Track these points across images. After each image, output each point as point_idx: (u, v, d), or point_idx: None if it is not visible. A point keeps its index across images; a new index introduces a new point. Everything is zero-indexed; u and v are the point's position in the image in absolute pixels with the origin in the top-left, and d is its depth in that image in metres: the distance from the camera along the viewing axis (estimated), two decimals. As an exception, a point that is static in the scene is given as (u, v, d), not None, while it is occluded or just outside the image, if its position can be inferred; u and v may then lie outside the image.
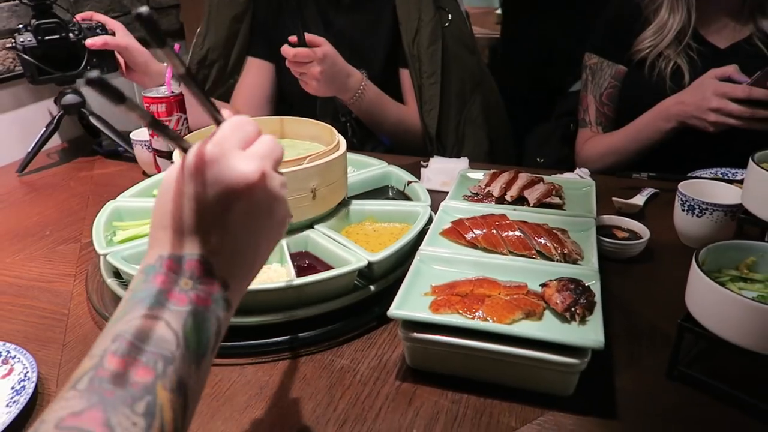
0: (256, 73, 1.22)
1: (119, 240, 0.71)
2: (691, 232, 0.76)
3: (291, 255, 0.66)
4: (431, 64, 1.11)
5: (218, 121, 0.39)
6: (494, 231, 0.65)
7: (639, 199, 0.88)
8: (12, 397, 0.54)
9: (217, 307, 0.36)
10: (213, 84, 1.24)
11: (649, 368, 0.57)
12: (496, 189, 0.76)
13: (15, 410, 0.51)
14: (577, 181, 0.82)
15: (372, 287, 0.63)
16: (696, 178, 0.83)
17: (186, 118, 1.00)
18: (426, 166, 0.99)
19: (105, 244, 0.68)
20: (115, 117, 1.19)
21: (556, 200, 0.75)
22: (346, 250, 0.64)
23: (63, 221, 0.91)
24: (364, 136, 1.18)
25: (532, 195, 0.74)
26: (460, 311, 0.53)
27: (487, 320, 0.52)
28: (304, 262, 0.67)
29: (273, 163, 0.39)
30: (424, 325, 0.53)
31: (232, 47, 1.23)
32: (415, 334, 0.53)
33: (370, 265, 0.62)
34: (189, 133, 0.83)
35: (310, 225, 0.70)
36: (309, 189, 0.67)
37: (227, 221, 0.36)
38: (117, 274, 0.67)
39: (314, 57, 0.94)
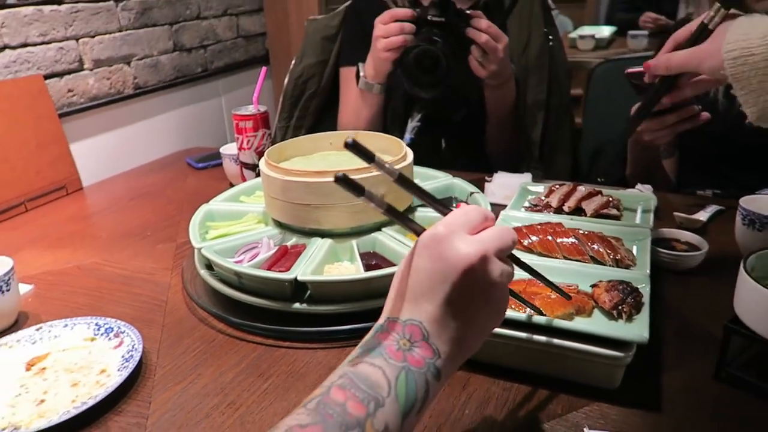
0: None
1: (211, 237, 0.81)
2: (753, 246, 0.76)
3: (360, 254, 0.73)
4: (539, 75, 1.16)
5: (446, 212, 0.45)
6: (549, 237, 0.69)
7: (702, 215, 0.89)
8: (122, 364, 0.63)
9: (427, 371, 0.40)
10: (309, 97, 1.34)
11: (697, 369, 0.59)
12: (554, 200, 0.80)
13: (125, 374, 0.60)
14: (636, 195, 0.84)
15: (433, 285, 0.69)
16: (760, 194, 0.83)
17: (270, 134, 1.10)
18: (490, 181, 1.04)
19: (200, 239, 0.77)
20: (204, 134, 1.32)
21: (614, 212, 0.78)
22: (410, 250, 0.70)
23: (161, 224, 1.03)
24: (456, 151, 1.24)
25: (589, 206, 0.78)
26: (513, 306, 0.58)
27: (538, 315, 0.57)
28: (372, 261, 0.74)
29: (496, 251, 0.42)
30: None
31: (325, 64, 1.32)
32: (470, 326, 0.58)
33: (431, 263, 0.67)
34: (272, 145, 0.92)
35: (378, 228, 0.77)
36: (379, 195, 0.74)
37: (445, 296, 0.40)
38: (209, 266, 0.77)
39: (499, 33, 0.99)
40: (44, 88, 1.21)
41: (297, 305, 0.67)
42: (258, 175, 1.05)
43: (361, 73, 1.12)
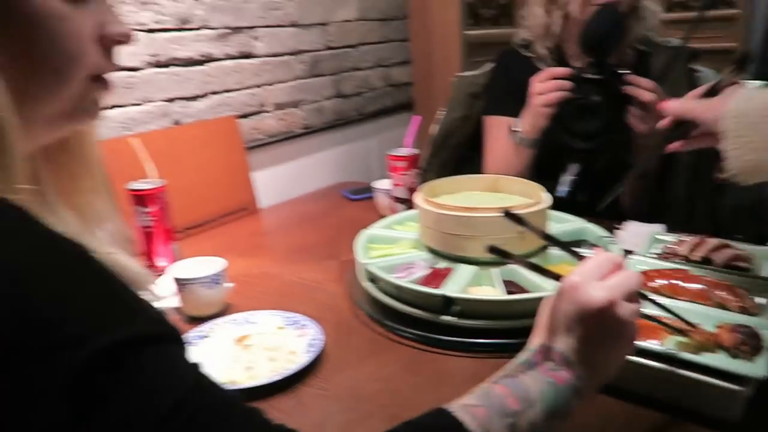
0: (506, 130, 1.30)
1: (372, 256, 0.97)
2: None
3: (504, 281, 0.85)
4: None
5: (582, 259, 0.55)
6: (676, 281, 0.77)
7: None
8: (308, 348, 0.80)
9: (568, 388, 0.50)
10: (454, 146, 1.45)
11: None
12: (683, 249, 0.87)
13: (312, 355, 0.77)
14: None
15: (565, 313, 0.79)
16: None
17: (419, 173, 1.26)
18: (622, 229, 1.11)
19: (365, 256, 0.94)
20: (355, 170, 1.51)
21: (744, 264, 0.83)
22: (544, 281, 0.81)
23: (324, 244, 1.22)
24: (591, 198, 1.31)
25: (718, 257, 0.84)
26: (644, 337, 0.67)
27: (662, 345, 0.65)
28: (510, 288, 0.86)
29: (624, 294, 0.50)
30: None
31: (469, 118, 1.44)
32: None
33: (565, 294, 0.78)
34: (423, 182, 1.07)
35: (517, 260, 0.89)
36: (517, 231, 0.86)
37: (580, 334, 0.51)
38: (372, 280, 0.93)
39: (660, 91, 1.07)
40: (236, 126, 1.48)
41: (446, 317, 0.81)
42: (408, 208, 1.22)
43: (516, 129, 1.20)
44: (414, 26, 2.12)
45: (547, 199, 0.94)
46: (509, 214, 0.53)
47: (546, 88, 1.11)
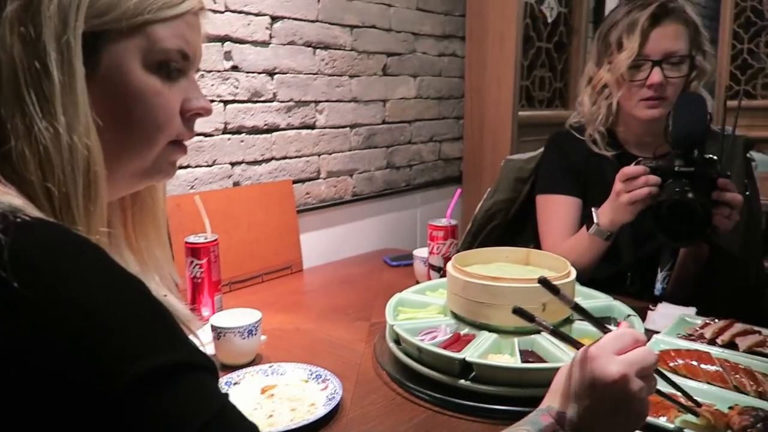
0: (566, 210, 1.32)
1: (401, 318, 1.01)
2: None
3: (520, 351, 0.87)
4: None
5: (606, 331, 0.59)
6: (694, 362, 0.77)
7: None
8: (327, 401, 0.83)
9: None
10: (494, 227, 1.46)
11: None
12: (708, 332, 0.87)
13: (329, 408, 0.81)
14: (800, 340, 0.86)
15: (580, 386, 0.80)
16: None
17: (456, 243, 1.31)
18: (654, 310, 1.11)
19: (393, 318, 0.98)
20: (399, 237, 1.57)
21: (769, 351, 0.82)
22: (564, 353, 0.83)
23: (359, 306, 1.27)
24: (643, 285, 1.29)
25: (743, 342, 0.83)
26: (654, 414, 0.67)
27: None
28: (529, 358, 0.87)
29: (639, 370, 0.53)
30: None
31: (514, 201, 1.46)
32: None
33: (579, 367, 0.79)
34: (457, 252, 1.12)
35: (537, 331, 0.91)
36: (540, 303, 0.88)
37: (591, 403, 0.54)
38: (396, 341, 0.96)
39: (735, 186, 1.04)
40: (291, 190, 1.59)
41: (462, 381, 0.83)
42: (442, 275, 1.26)
43: (595, 220, 1.17)
44: (469, 105, 2.23)
45: (573, 273, 0.96)
46: (544, 282, 0.56)
47: (633, 184, 1.07)
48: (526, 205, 1.47)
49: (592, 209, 1.19)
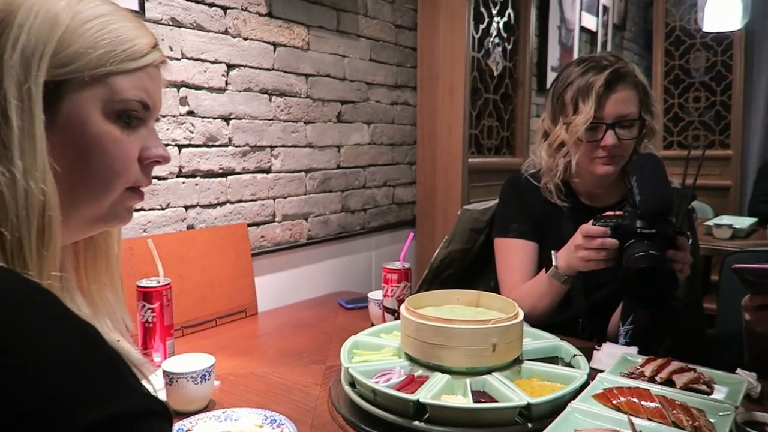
0: (524, 253, 1.37)
1: (356, 361, 1.02)
2: None
3: (472, 392, 0.89)
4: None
5: None
6: (635, 399, 0.81)
7: (807, 407, 0.93)
8: (282, 446, 0.83)
9: None
10: (449, 276, 1.49)
11: None
12: (648, 370, 0.91)
13: (284, 452, 0.80)
14: (730, 376, 0.92)
15: (529, 425, 0.82)
16: None
17: (410, 286, 1.34)
18: (599, 350, 1.15)
19: (348, 361, 0.99)
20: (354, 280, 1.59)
21: (703, 387, 0.87)
22: (513, 393, 0.85)
23: (314, 349, 1.27)
24: (593, 331, 1.33)
25: (680, 379, 0.88)
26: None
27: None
28: (481, 399, 0.89)
29: None
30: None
31: (469, 251, 1.51)
32: (555, 460, 0.71)
33: (529, 405, 0.82)
34: (410, 292, 1.14)
35: (488, 371, 0.93)
36: (490, 344, 0.92)
37: None
38: (351, 384, 0.97)
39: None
40: (246, 233, 1.60)
41: (416, 423, 0.84)
42: (396, 317, 1.28)
43: (554, 263, 1.21)
44: (421, 151, 2.30)
45: (521, 315, 1.00)
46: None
47: (589, 243, 1.11)
48: (480, 254, 1.52)
49: (552, 252, 1.23)
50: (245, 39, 1.62)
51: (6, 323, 0.38)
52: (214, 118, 1.56)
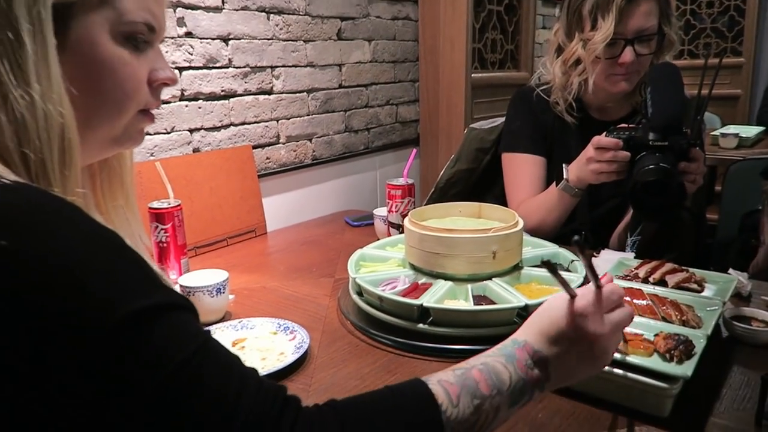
0: (533, 168, 1.37)
1: (363, 272, 1.07)
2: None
3: (473, 297, 0.94)
4: None
5: (598, 286, 0.59)
6: (627, 297, 0.85)
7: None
8: (295, 350, 0.89)
9: (536, 385, 0.56)
10: (455, 194, 1.50)
11: (744, 416, 0.70)
12: (642, 272, 0.95)
13: (297, 355, 0.86)
14: (721, 276, 0.96)
15: (527, 324, 0.87)
16: None
17: (413, 201, 1.37)
18: (597, 257, 1.19)
19: (355, 272, 1.04)
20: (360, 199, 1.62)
21: (694, 286, 0.91)
22: (512, 296, 0.90)
23: (323, 264, 1.32)
24: (596, 243, 1.33)
25: (672, 279, 0.92)
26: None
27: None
28: (481, 303, 0.94)
29: (620, 330, 0.59)
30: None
31: (474, 171, 1.51)
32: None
33: (526, 306, 0.86)
34: (414, 208, 1.17)
35: (489, 277, 0.98)
36: (490, 251, 0.95)
37: (571, 350, 0.57)
38: (359, 293, 1.02)
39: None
40: (251, 155, 1.61)
41: (421, 325, 0.89)
42: (401, 232, 1.32)
43: (565, 176, 1.20)
44: (423, 68, 2.26)
45: (520, 223, 1.03)
46: (546, 264, 0.56)
47: (601, 155, 1.11)
48: (486, 173, 1.52)
49: (563, 165, 1.22)
50: (238, -47, 1.57)
51: (41, 231, 0.42)
52: (213, 39, 1.54)
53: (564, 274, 1.01)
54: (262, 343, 0.93)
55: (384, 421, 0.49)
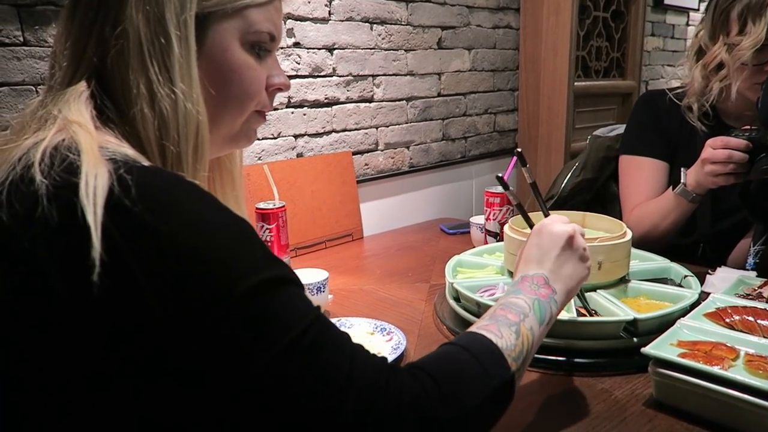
0: (653, 172, 1.30)
1: (460, 278, 1.06)
2: None
3: (576, 308, 0.91)
4: None
5: (546, 215, 0.78)
6: (750, 318, 0.79)
7: None
8: (393, 350, 0.90)
9: (550, 300, 0.66)
10: (578, 202, 1.46)
11: None
12: (766, 291, 0.88)
13: (395, 355, 0.87)
14: None
15: (635, 339, 0.83)
16: None
17: (512, 210, 1.34)
18: (712, 274, 1.11)
19: (452, 277, 1.04)
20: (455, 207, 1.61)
21: (830, 310, 0.82)
22: (619, 308, 0.86)
23: (419, 269, 1.33)
24: (714, 259, 1.26)
25: (802, 300, 0.84)
26: (699, 361, 0.70)
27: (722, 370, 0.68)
28: (583, 313, 0.91)
29: (580, 232, 0.73)
30: (671, 366, 0.71)
31: (598, 180, 1.46)
32: (662, 370, 0.72)
33: (635, 321, 0.82)
34: (513, 216, 1.16)
35: (593, 289, 0.94)
36: (596, 261, 0.92)
37: (555, 256, 0.70)
38: (456, 299, 1.02)
39: None
40: (351, 161, 1.66)
41: (520, 334, 0.87)
42: (498, 240, 1.30)
43: (682, 180, 1.17)
44: (524, 76, 2.22)
45: (629, 234, 0.98)
46: (499, 179, 0.79)
47: (715, 156, 1.07)
48: (607, 182, 1.47)
49: (682, 169, 1.17)
50: (346, -33, 1.62)
51: (178, 207, 0.46)
52: (319, 49, 1.60)
53: (677, 290, 0.95)
54: (359, 343, 0.94)
55: (463, 363, 0.55)
